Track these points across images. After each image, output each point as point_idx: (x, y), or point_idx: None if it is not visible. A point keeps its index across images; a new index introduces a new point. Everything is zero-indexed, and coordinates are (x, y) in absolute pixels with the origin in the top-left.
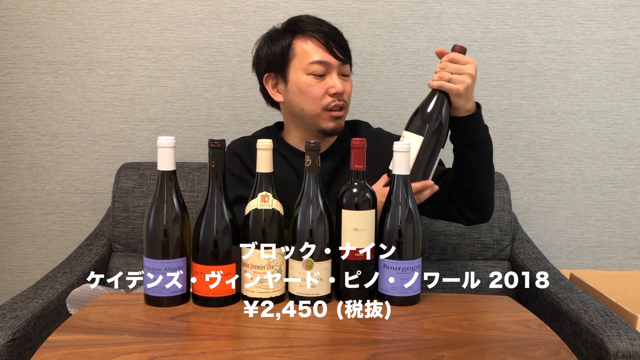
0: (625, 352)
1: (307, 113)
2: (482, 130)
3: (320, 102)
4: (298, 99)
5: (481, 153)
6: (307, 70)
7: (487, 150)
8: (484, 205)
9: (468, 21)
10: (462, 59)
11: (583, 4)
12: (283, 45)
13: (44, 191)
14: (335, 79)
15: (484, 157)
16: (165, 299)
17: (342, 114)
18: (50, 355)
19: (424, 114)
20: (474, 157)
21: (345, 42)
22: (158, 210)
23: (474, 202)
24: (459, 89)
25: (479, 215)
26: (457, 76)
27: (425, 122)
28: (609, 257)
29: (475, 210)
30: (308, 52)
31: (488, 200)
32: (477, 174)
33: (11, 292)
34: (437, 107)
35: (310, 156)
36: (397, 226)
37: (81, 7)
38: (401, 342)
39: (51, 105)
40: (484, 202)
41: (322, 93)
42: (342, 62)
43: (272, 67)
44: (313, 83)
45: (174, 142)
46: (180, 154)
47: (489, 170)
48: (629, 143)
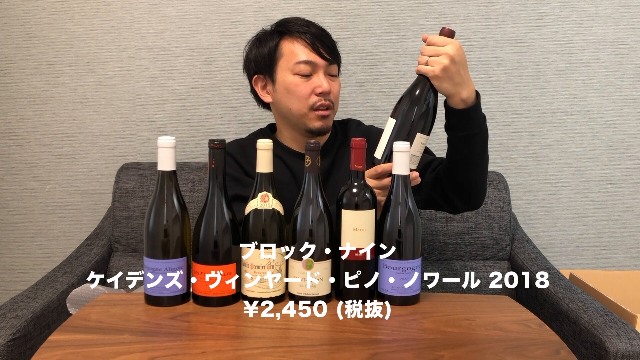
0: (624, 352)
1: (294, 113)
2: (477, 122)
3: (307, 101)
4: (285, 99)
5: (475, 145)
6: (294, 70)
7: (482, 141)
8: (475, 196)
9: (468, 21)
10: (441, 41)
11: (583, 4)
12: (270, 46)
13: (44, 191)
14: (321, 78)
15: (478, 149)
16: (166, 299)
17: (328, 114)
18: (50, 355)
19: (404, 99)
20: (467, 149)
21: (333, 43)
22: (158, 210)
23: (465, 192)
24: (434, 70)
25: (469, 205)
26: (433, 58)
27: (403, 106)
28: (609, 257)
29: (465, 200)
30: (294, 52)
31: (479, 190)
32: (470, 166)
33: (11, 292)
34: (418, 92)
35: (310, 156)
36: (397, 226)
37: (81, 7)
38: (401, 342)
39: (51, 105)
40: (474, 192)
41: (309, 92)
42: (329, 62)
43: (260, 69)
44: (299, 83)
45: (174, 142)
46: (180, 154)
47: (483, 161)
48: (629, 143)
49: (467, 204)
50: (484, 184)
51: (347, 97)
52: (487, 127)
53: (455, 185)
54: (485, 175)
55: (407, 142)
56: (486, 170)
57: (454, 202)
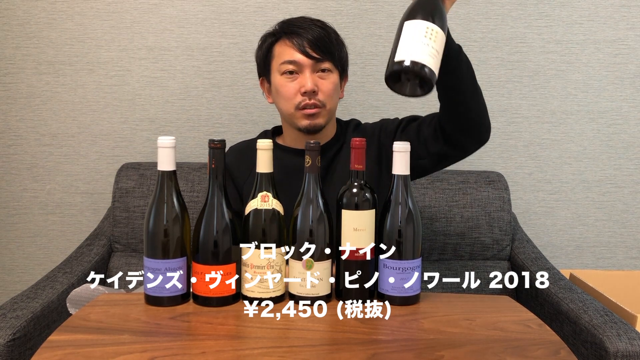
0: (624, 352)
1: (284, 112)
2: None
3: (292, 101)
4: (277, 99)
5: (461, 75)
6: (280, 70)
7: (468, 71)
8: (478, 126)
9: (468, 21)
10: None
11: (583, 4)
12: (264, 49)
13: (44, 191)
14: (306, 78)
15: (465, 77)
16: (166, 299)
17: (314, 112)
18: (50, 355)
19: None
20: (456, 81)
21: (324, 39)
22: (158, 210)
23: (467, 124)
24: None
25: (476, 138)
26: None
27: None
28: (609, 257)
29: (471, 133)
30: (282, 53)
31: (481, 119)
32: (465, 94)
33: (11, 292)
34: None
35: (310, 156)
36: (397, 226)
37: (81, 7)
38: (401, 342)
39: (51, 105)
40: (477, 122)
41: (294, 92)
42: (315, 60)
43: (261, 71)
44: (285, 83)
45: (174, 142)
46: (180, 154)
47: (475, 88)
48: (629, 143)
49: (473, 137)
50: (484, 112)
51: (347, 97)
52: (466, 58)
53: (456, 122)
54: (482, 102)
55: (407, 142)
56: (482, 97)
57: (461, 140)
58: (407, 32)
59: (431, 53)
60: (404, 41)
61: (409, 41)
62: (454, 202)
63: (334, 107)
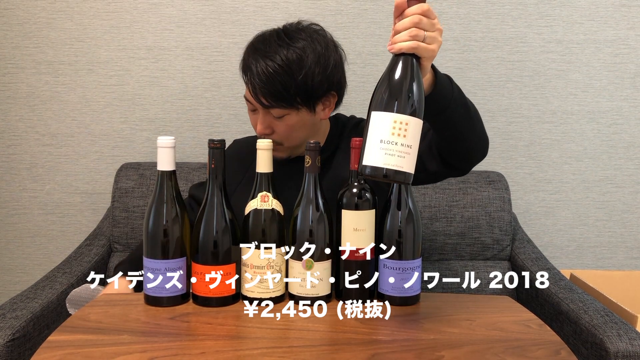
0: (625, 352)
1: None
2: (445, 96)
3: (255, 129)
4: None
5: (453, 114)
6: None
7: (460, 106)
8: (474, 152)
9: (468, 21)
10: (432, 12)
11: (583, 4)
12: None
13: (43, 191)
14: (258, 120)
15: (458, 114)
16: (165, 299)
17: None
18: (50, 355)
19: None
20: (447, 123)
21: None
22: (158, 210)
23: (463, 153)
24: (434, 50)
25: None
26: (430, 34)
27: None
28: (609, 257)
29: (466, 159)
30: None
31: (478, 146)
32: (459, 131)
33: (11, 292)
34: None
35: (310, 156)
36: (397, 226)
37: (81, 7)
38: (401, 342)
39: (51, 105)
40: (472, 150)
41: (255, 124)
42: (264, 106)
43: None
44: (249, 112)
45: (173, 142)
46: (180, 154)
47: (470, 122)
48: (629, 143)
49: (471, 162)
50: (482, 139)
51: (347, 97)
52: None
53: (452, 152)
54: (480, 131)
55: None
56: (479, 126)
57: (457, 165)
58: (374, 128)
59: (400, 152)
60: (370, 142)
61: (373, 143)
62: (454, 202)
63: (297, 142)
